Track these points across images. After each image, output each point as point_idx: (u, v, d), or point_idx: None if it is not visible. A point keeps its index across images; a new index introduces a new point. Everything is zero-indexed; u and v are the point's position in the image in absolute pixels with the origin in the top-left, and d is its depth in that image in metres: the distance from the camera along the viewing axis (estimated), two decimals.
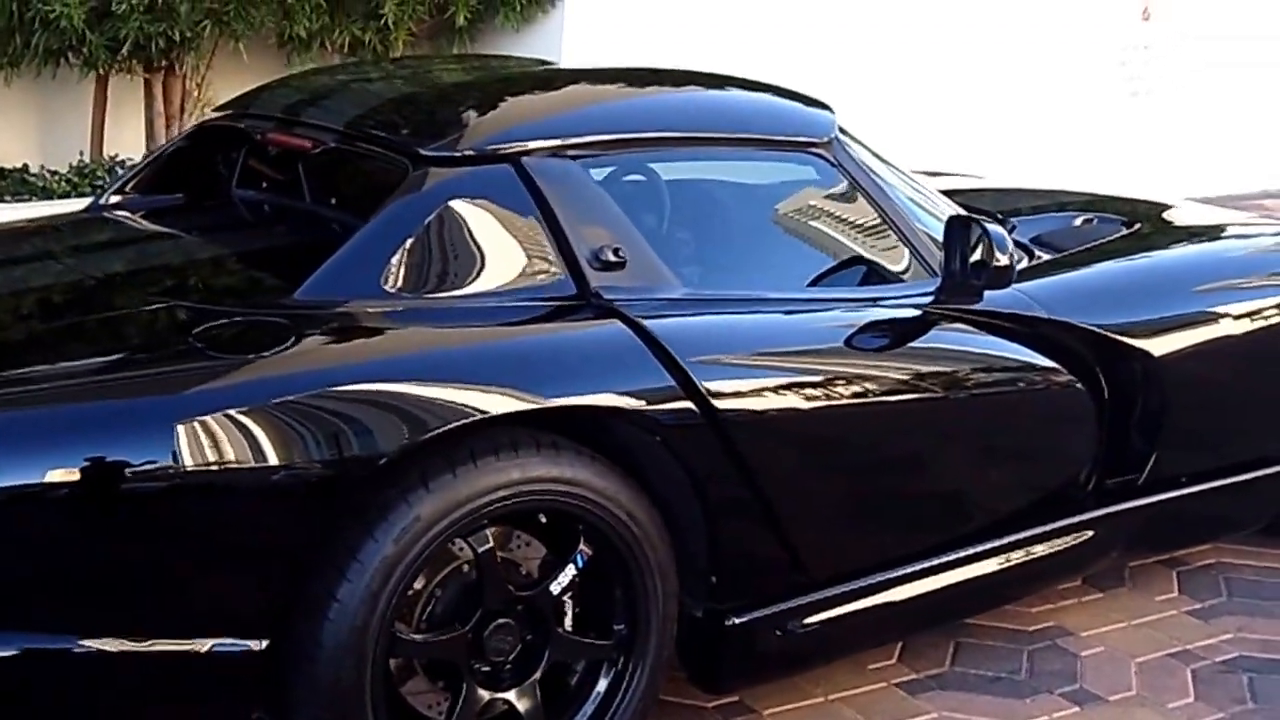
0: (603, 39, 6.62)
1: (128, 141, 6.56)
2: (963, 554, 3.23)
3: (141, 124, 6.63)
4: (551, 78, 3.37)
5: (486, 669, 2.73)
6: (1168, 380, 3.49)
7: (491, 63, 3.79)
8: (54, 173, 6.33)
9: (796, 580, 3.00)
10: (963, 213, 3.20)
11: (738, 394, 2.81)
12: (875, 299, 3.14)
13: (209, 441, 2.36)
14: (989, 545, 3.27)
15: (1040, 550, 3.36)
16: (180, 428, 2.34)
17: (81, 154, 6.48)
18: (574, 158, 2.90)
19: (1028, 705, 3.24)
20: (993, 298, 3.22)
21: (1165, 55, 8.44)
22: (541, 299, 2.79)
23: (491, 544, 2.66)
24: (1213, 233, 4.02)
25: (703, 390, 2.75)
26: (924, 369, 3.11)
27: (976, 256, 3.09)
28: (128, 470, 2.31)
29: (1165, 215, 4.17)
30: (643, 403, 2.71)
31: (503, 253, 2.80)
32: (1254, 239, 3.97)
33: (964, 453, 3.25)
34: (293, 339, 2.55)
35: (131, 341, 2.65)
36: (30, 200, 6.13)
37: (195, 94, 6.51)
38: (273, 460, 2.39)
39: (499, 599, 2.70)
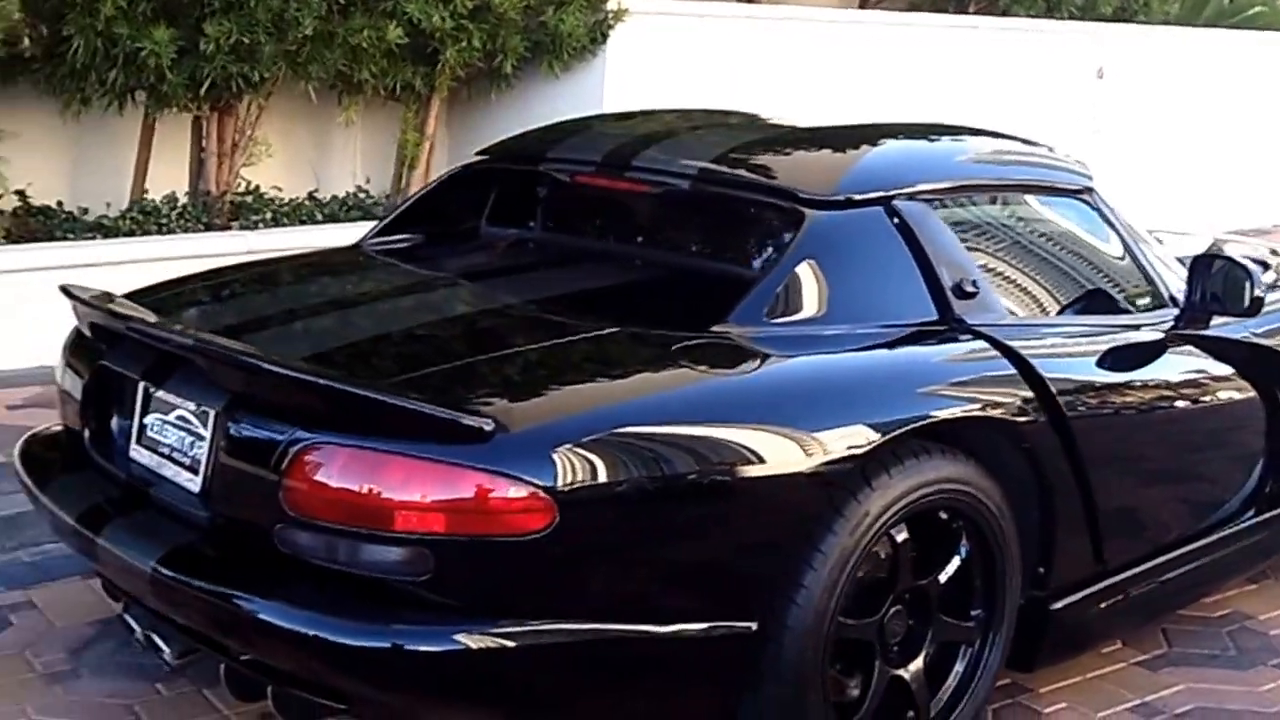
0: (642, 85, 6.95)
1: (168, 180, 6.62)
2: (1197, 545, 3.72)
3: (185, 162, 6.71)
4: (875, 132, 3.72)
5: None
6: None
7: (760, 117, 4.10)
8: (123, 213, 6.36)
9: (1098, 569, 3.43)
10: (1211, 252, 3.69)
11: (1078, 404, 3.24)
12: (1138, 324, 3.62)
13: (728, 448, 2.67)
14: (1215, 538, 3.77)
15: (1244, 543, 3.88)
16: (700, 434, 2.66)
17: (146, 193, 6.52)
18: (926, 201, 3.31)
19: (1253, 675, 3.73)
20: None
21: (1115, 106, 9.46)
22: (915, 324, 3.17)
23: (908, 536, 3.02)
24: None
25: (1059, 402, 3.17)
26: (1182, 385, 3.61)
27: (1218, 289, 3.61)
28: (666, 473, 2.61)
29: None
30: (1014, 413, 3.12)
31: (882, 283, 3.18)
32: None
33: (1205, 456, 3.76)
34: (759, 360, 2.89)
35: (620, 359, 2.90)
36: (94, 239, 6.17)
37: (249, 133, 6.61)
38: (777, 463, 2.72)
39: (904, 587, 3.06)
